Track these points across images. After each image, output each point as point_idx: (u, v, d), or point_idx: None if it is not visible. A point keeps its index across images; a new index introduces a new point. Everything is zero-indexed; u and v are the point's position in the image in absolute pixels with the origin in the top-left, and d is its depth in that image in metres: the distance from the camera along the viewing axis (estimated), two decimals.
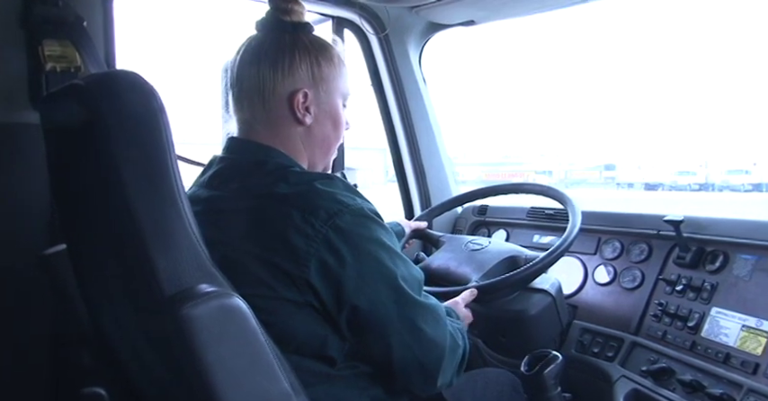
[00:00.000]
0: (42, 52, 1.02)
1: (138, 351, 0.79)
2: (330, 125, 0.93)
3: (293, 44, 0.88)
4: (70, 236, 0.83)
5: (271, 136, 0.90)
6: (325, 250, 0.77)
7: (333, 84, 0.92)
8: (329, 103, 0.92)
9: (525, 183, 1.57)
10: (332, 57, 0.91)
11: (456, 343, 0.90)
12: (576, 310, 1.54)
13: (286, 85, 0.88)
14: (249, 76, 0.89)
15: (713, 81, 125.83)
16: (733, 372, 1.13)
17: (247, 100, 0.90)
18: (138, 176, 0.65)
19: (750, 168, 25.59)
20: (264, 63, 0.88)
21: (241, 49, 0.91)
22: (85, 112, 0.66)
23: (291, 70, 0.88)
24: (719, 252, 1.29)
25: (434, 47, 2.01)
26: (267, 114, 0.89)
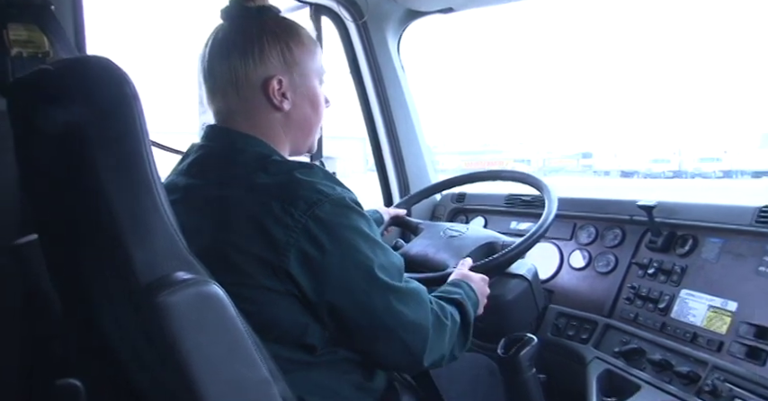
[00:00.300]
0: (7, 36, 0.98)
1: (115, 340, 0.79)
2: (309, 107, 0.93)
3: (261, 31, 0.87)
4: (42, 226, 0.81)
5: (249, 124, 0.89)
6: (304, 240, 0.77)
7: (307, 66, 0.90)
8: (306, 86, 0.91)
9: (503, 170, 1.58)
10: (302, 38, 0.90)
11: (441, 322, 0.91)
12: (551, 295, 1.57)
13: (259, 74, 0.87)
14: (220, 69, 0.88)
15: (687, 70, 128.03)
16: (699, 351, 1.17)
17: (221, 92, 0.89)
18: (112, 164, 0.64)
19: (721, 156, 26.17)
20: (234, 54, 0.87)
21: (209, 41, 0.90)
22: (56, 97, 0.64)
23: (262, 58, 0.86)
24: (689, 236, 1.33)
25: (413, 34, 2.00)
26: (243, 104, 0.88)
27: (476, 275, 1.13)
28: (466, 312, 0.99)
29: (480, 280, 1.13)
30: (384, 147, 1.99)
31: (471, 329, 0.99)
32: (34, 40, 0.99)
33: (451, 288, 1.05)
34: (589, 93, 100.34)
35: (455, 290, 1.03)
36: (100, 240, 0.68)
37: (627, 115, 70.30)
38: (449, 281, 1.09)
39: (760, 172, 23.53)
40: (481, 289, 1.11)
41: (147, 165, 0.66)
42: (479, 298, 1.08)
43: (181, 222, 0.69)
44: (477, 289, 1.08)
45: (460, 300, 1.00)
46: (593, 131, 49.74)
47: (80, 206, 0.68)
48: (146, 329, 0.66)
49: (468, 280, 1.10)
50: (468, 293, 1.04)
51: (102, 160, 0.64)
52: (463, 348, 0.98)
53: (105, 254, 0.68)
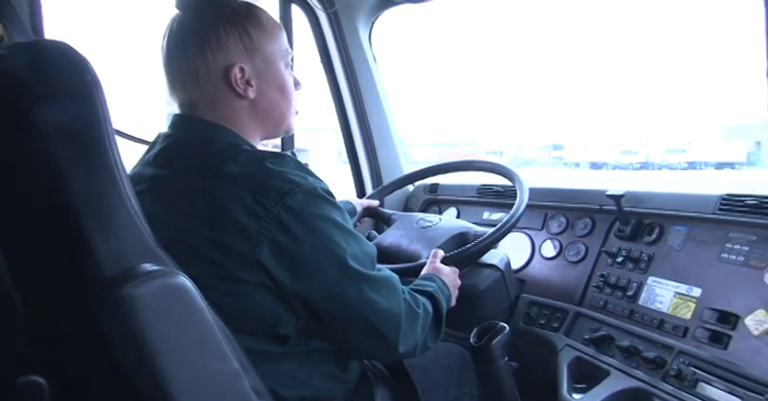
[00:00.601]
0: None
1: (80, 336, 0.77)
2: (276, 92, 0.90)
3: (216, 18, 0.84)
4: (1, 219, 0.78)
5: (215, 115, 0.87)
6: (277, 230, 0.76)
7: (269, 51, 0.88)
8: (270, 72, 0.89)
9: (475, 161, 1.59)
10: (260, 21, 0.87)
11: (413, 310, 0.91)
12: (523, 284, 1.59)
13: (219, 63, 0.84)
14: (178, 62, 0.85)
15: (654, 63, 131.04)
16: (666, 336, 1.20)
17: (181, 85, 0.86)
18: (73, 154, 0.62)
19: (686, 147, 26.93)
20: (190, 45, 0.84)
21: (166, 32, 0.87)
22: (11, 83, 0.61)
23: (220, 46, 0.84)
24: (656, 224, 1.36)
25: (384, 25, 1.99)
26: (206, 95, 0.86)
27: (447, 268, 1.14)
28: (439, 304, 0.99)
29: (451, 273, 1.13)
30: (356, 139, 1.97)
31: (444, 321, 1.00)
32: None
33: (424, 281, 1.06)
34: (560, 85, 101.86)
35: (428, 284, 1.04)
36: (62, 233, 0.65)
37: (597, 108, 71.66)
38: (421, 276, 1.09)
39: (722, 163, 24.33)
40: (453, 281, 1.12)
41: (110, 155, 0.64)
42: (451, 291, 1.09)
43: (148, 213, 0.67)
44: (448, 281, 1.09)
45: (433, 292, 1.00)
46: (564, 123, 50.59)
47: (40, 199, 0.66)
48: (112, 323, 0.64)
49: (439, 273, 1.10)
50: (441, 287, 1.05)
51: (63, 150, 0.62)
52: (436, 340, 0.99)
53: (68, 247, 0.66)
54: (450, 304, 1.07)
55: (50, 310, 0.80)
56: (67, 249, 0.66)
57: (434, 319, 0.97)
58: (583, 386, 1.29)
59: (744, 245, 1.15)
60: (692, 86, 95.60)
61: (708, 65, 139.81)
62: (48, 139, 0.62)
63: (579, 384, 1.30)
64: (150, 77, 1.51)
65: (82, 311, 0.73)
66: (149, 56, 1.02)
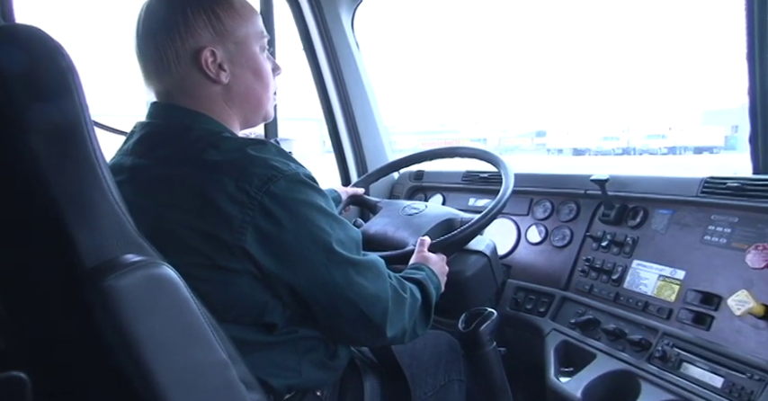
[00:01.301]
0: None
1: (61, 330, 0.75)
2: (251, 77, 0.88)
3: (183, 2, 0.82)
4: None
5: (192, 102, 0.85)
6: (260, 217, 0.76)
7: (241, 33, 0.86)
8: (243, 55, 0.87)
9: (460, 147, 1.58)
10: (232, 4, 0.85)
11: (399, 295, 0.91)
12: (510, 270, 1.60)
13: (188, 48, 0.82)
14: (147, 48, 0.83)
15: (634, 49, 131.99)
16: (650, 319, 1.22)
17: (155, 72, 0.85)
18: (49, 143, 0.60)
19: (666, 133, 27.28)
20: (160, 32, 0.82)
21: (137, 19, 0.85)
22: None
23: (188, 30, 0.82)
24: (640, 208, 1.37)
25: (367, 12, 1.96)
26: (179, 82, 0.84)
27: (434, 256, 1.14)
28: (427, 292, 0.99)
29: (439, 260, 1.13)
30: (340, 127, 1.96)
31: (433, 309, 1.00)
32: None
33: (413, 270, 1.05)
34: (542, 73, 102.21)
35: (416, 272, 1.04)
36: (40, 224, 0.64)
37: (578, 94, 72.13)
38: (410, 265, 1.09)
39: (702, 147, 24.71)
40: (441, 269, 1.12)
41: (88, 142, 0.62)
42: (440, 278, 1.09)
43: (128, 203, 0.65)
44: (436, 269, 1.09)
45: (421, 280, 1.00)
46: (547, 110, 50.85)
47: (15, 189, 0.64)
48: (95, 315, 0.63)
49: (427, 261, 1.10)
50: (430, 275, 1.05)
51: (38, 139, 0.59)
52: (426, 326, 0.99)
53: (49, 240, 0.64)
54: (440, 291, 1.07)
55: (30, 305, 0.78)
56: (48, 242, 0.64)
57: (423, 306, 0.97)
58: (570, 369, 1.30)
59: (726, 228, 1.17)
60: (672, 72, 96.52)
61: (686, 50, 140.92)
62: (23, 129, 0.59)
63: (566, 367, 1.32)
64: (123, 65, 1.48)
65: (63, 305, 0.71)
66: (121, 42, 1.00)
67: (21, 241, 0.69)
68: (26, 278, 0.74)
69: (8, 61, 0.59)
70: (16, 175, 0.62)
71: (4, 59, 0.59)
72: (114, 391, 0.73)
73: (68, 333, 0.75)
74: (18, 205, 0.65)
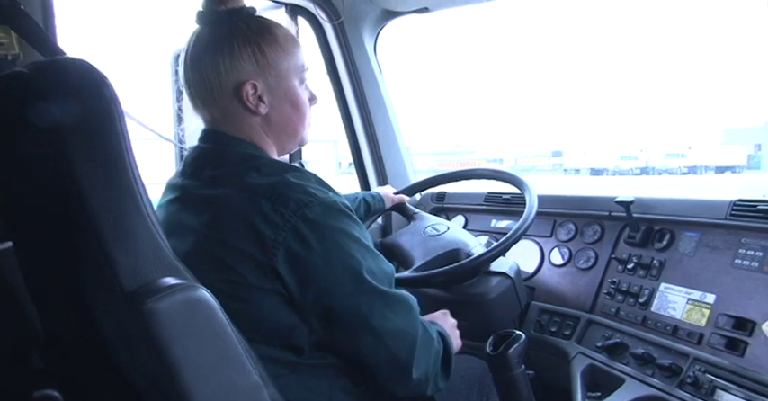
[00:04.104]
0: None
1: (98, 350, 0.77)
2: (289, 108, 0.91)
3: (230, 35, 0.85)
4: (19, 234, 0.78)
5: (234, 129, 0.89)
6: (292, 239, 0.77)
7: (282, 67, 0.88)
8: (283, 88, 0.89)
9: (503, 172, 1.59)
10: (275, 38, 0.88)
11: (429, 336, 0.89)
12: (533, 291, 1.58)
13: (231, 80, 0.85)
14: (194, 77, 0.87)
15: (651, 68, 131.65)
16: (680, 343, 1.19)
17: (200, 100, 0.89)
18: (93, 169, 0.63)
19: (685, 152, 26.95)
20: (205, 60, 0.85)
21: (185, 47, 0.88)
22: (32, 100, 0.62)
23: (233, 63, 0.85)
24: (666, 230, 1.35)
25: (387, 35, 2.00)
26: (222, 111, 0.88)
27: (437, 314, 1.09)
28: (448, 343, 0.96)
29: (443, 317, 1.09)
30: (363, 148, 1.98)
31: (452, 363, 0.96)
32: (4, 42, 0.96)
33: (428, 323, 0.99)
34: (559, 92, 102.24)
35: (436, 325, 0.99)
36: (82, 246, 0.66)
37: (595, 114, 71.87)
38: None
39: (723, 167, 24.33)
40: (450, 325, 1.07)
41: (129, 168, 0.65)
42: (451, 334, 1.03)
43: (178, 219, 0.68)
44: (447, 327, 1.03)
45: (443, 332, 0.97)
46: (563, 130, 50.66)
47: (61, 212, 0.66)
48: (133, 336, 0.64)
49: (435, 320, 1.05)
50: (445, 331, 1.00)
51: (83, 165, 0.62)
52: (446, 380, 0.95)
53: (88, 261, 0.66)
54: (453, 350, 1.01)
55: (67, 325, 0.80)
56: (89, 265, 0.66)
57: (444, 356, 0.94)
58: (597, 394, 1.28)
59: (758, 251, 1.15)
60: (691, 91, 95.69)
61: (706, 69, 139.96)
62: (68, 155, 0.62)
63: (593, 392, 1.29)
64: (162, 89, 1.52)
65: (99, 325, 0.73)
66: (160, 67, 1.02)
67: (64, 264, 0.71)
68: (66, 299, 0.76)
69: (57, 93, 0.62)
70: (63, 198, 0.64)
71: (56, 90, 0.62)
72: None
73: (99, 353, 0.76)
74: (63, 229, 0.67)
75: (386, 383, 0.89)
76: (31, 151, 0.66)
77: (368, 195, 1.54)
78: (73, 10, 1.46)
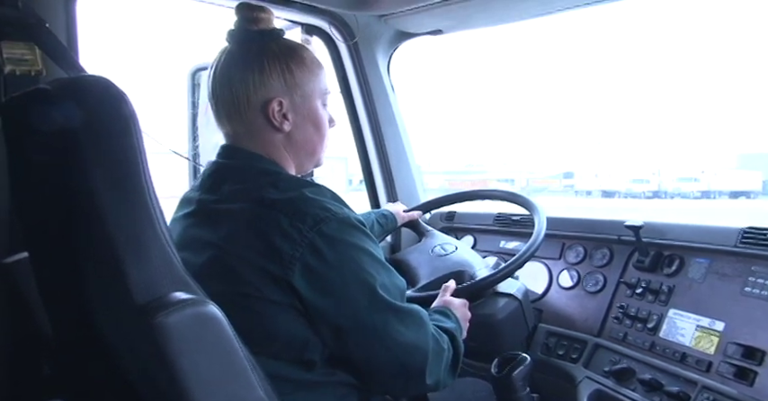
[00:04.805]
0: (1, 54, 0.98)
1: (107, 362, 0.78)
2: (311, 128, 0.94)
3: (261, 53, 0.88)
4: (35, 245, 0.80)
5: (255, 144, 0.91)
6: (309, 254, 0.79)
7: (308, 88, 0.91)
8: (307, 107, 0.92)
9: (513, 193, 1.59)
10: (303, 59, 0.91)
11: (440, 346, 0.91)
12: (541, 314, 1.58)
13: (259, 96, 0.88)
14: (222, 92, 0.90)
15: (664, 91, 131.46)
16: (689, 371, 1.18)
17: (225, 114, 0.91)
18: (109, 183, 0.64)
19: (699, 176, 26.70)
20: (235, 76, 0.88)
21: (214, 63, 0.91)
22: (54, 116, 0.64)
23: (263, 80, 0.87)
24: (676, 256, 1.35)
25: (400, 55, 2.03)
26: (246, 126, 0.90)
27: (457, 301, 1.13)
28: (458, 343, 0.99)
29: (462, 306, 1.12)
30: (374, 167, 1.99)
31: (461, 360, 0.99)
32: (28, 59, 0.99)
33: (442, 317, 1.04)
34: (571, 113, 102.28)
35: (447, 321, 1.03)
36: (96, 259, 0.67)
37: (607, 136, 71.68)
38: (436, 309, 1.08)
39: (737, 192, 24.06)
40: (463, 315, 1.10)
41: (144, 184, 0.66)
42: (462, 325, 1.08)
43: (193, 234, 0.69)
44: (459, 315, 1.08)
45: (452, 331, 1.00)
46: (575, 151, 50.47)
47: (76, 225, 0.68)
48: (142, 348, 0.65)
49: (452, 307, 1.09)
50: (457, 325, 1.04)
51: (100, 179, 0.64)
52: (453, 378, 0.97)
53: (101, 273, 0.68)
54: (462, 338, 1.06)
55: (77, 335, 0.81)
56: (102, 277, 0.67)
57: (453, 357, 0.97)
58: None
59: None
60: (706, 114, 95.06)
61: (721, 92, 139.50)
62: (86, 169, 0.64)
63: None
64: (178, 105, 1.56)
65: (112, 336, 0.74)
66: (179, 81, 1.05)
67: (77, 275, 0.73)
68: (77, 310, 0.77)
69: (78, 109, 0.64)
70: (78, 211, 0.66)
71: (76, 107, 0.64)
72: None
73: (108, 364, 0.77)
74: (77, 241, 0.69)
75: (399, 393, 0.93)
76: (50, 165, 0.68)
77: (380, 216, 1.56)
78: (97, 28, 1.51)
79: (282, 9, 1.62)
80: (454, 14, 1.69)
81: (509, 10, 1.68)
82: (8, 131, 0.75)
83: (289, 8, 1.63)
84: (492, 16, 1.74)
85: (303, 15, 1.71)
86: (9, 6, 1.00)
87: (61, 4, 1.13)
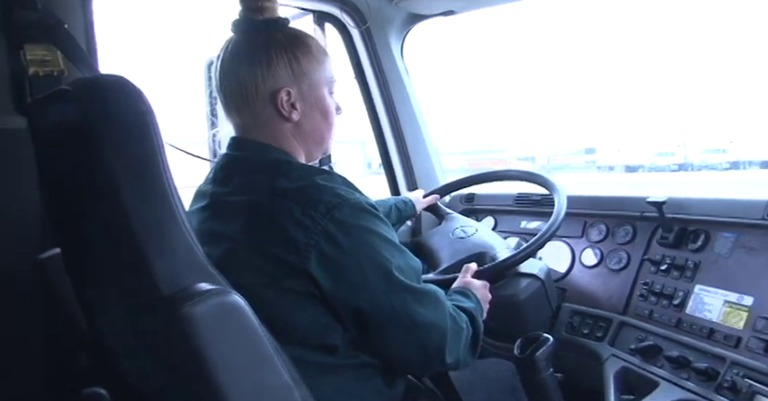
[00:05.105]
0: (24, 57, 1.01)
1: (136, 352, 0.80)
2: (319, 116, 0.94)
3: (267, 43, 0.88)
4: (65, 240, 0.83)
5: (264, 135, 0.91)
6: (324, 241, 0.80)
7: (315, 76, 0.92)
8: (314, 96, 0.93)
9: (532, 173, 1.58)
10: (309, 48, 0.91)
11: (458, 325, 0.93)
12: (565, 293, 1.57)
13: (267, 86, 0.88)
14: (230, 83, 0.90)
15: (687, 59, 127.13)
16: (717, 346, 1.17)
17: (234, 106, 0.91)
18: (130, 178, 0.66)
19: (727, 146, 25.90)
20: (242, 67, 0.88)
21: (220, 54, 0.92)
22: (76, 116, 0.66)
23: (270, 70, 0.88)
24: (701, 231, 1.32)
25: (414, 37, 2.01)
26: (255, 117, 0.91)
27: (478, 282, 1.13)
28: (477, 323, 1.00)
29: (482, 287, 1.13)
30: (392, 151, 1.99)
31: (480, 340, 1.00)
32: (49, 60, 1.01)
33: (461, 297, 1.05)
34: (590, 87, 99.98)
35: (465, 301, 1.04)
36: (121, 253, 0.69)
37: (628, 109, 69.94)
38: (456, 290, 1.09)
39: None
40: (484, 296, 1.11)
41: (164, 178, 0.68)
42: (483, 306, 1.09)
43: (208, 227, 0.71)
44: (480, 296, 1.09)
45: (472, 311, 1.01)
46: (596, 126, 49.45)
47: (100, 218, 0.70)
48: (170, 340, 0.67)
49: (472, 288, 1.10)
50: (477, 304, 1.05)
51: (121, 174, 0.66)
52: (473, 358, 0.99)
53: (126, 266, 0.70)
54: (483, 318, 1.07)
55: (111, 327, 0.84)
56: (128, 269, 0.69)
57: (473, 337, 0.98)
58: (631, 397, 1.26)
59: None
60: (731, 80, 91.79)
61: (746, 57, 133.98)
62: (107, 164, 0.66)
63: (627, 395, 1.28)
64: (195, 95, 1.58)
65: (139, 327, 0.76)
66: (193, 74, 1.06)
67: (104, 268, 0.75)
68: (107, 301, 0.80)
69: (97, 108, 0.66)
70: (102, 205, 0.68)
71: (96, 105, 0.66)
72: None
73: (141, 354, 0.80)
74: (104, 235, 0.71)
75: (420, 372, 0.95)
76: (74, 162, 0.70)
77: (399, 201, 1.56)
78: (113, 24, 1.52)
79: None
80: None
81: None
82: (35, 132, 0.78)
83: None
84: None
85: (314, 2, 1.71)
86: (30, 9, 1.02)
87: (79, 3, 1.15)
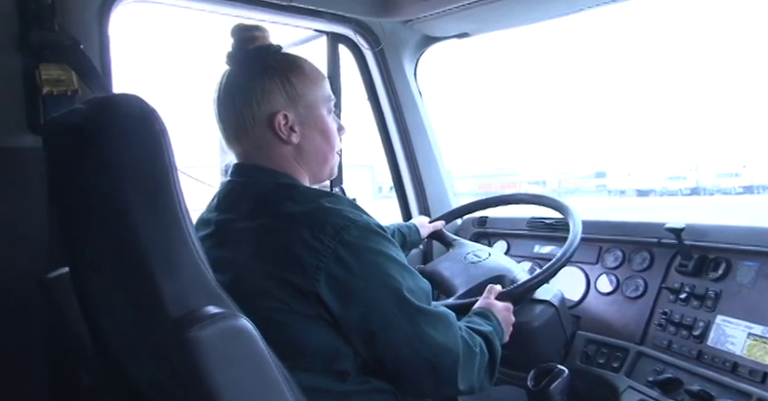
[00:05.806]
0: (39, 76, 1.02)
1: (146, 374, 0.79)
2: (319, 137, 0.94)
3: (261, 70, 0.90)
4: (74, 259, 0.82)
5: (267, 160, 0.92)
6: (333, 263, 0.79)
7: (311, 98, 0.92)
8: (312, 117, 0.93)
9: (544, 196, 1.56)
10: (302, 70, 0.92)
11: (471, 350, 0.91)
12: (579, 320, 1.53)
13: (264, 111, 0.89)
14: (227, 113, 0.91)
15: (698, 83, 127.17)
16: (741, 382, 1.12)
17: (234, 135, 0.92)
18: (141, 199, 0.65)
19: (740, 170, 25.70)
20: (238, 97, 0.89)
21: (217, 87, 0.93)
22: (89, 135, 0.66)
23: (265, 95, 0.89)
24: (722, 259, 1.29)
25: (427, 59, 2.02)
26: (255, 143, 0.91)
27: (501, 304, 1.12)
28: (494, 347, 0.98)
29: (504, 310, 1.11)
30: (404, 174, 1.98)
31: (498, 364, 0.99)
32: (63, 79, 1.02)
33: (479, 319, 1.04)
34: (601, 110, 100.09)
35: (483, 323, 1.02)
36: (130, 274, 0.68)
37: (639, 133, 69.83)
38: (477, 311, 1.08)
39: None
40: (506, 318, 1.10)
41: (175, 199, 0.67)
42: (505, 329, 1.07)
43: (214, 255, 0.70)
44: (501, 318, 1.07)
45: (488, 334, 0.99)
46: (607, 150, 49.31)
47: (111, 239, 0.69)
48: (176, 362, 0.66)
49: (494, 309, 1.09)
50: (496, 326, 1.04)
51: (132, 194, 0.65)
52: (490, 382, 0.97)
53: (135, 287, 0.69)
54: (503, 341, 1.05)
55: (119, 347, 0.82)
56: (136, 289, 0.68)
57: (490, 361, 0.96)
58: None
59: None
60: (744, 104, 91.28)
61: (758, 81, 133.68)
62: (119, 184, 0.65)
63: None
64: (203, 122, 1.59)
65: (145, 349, 0.75)
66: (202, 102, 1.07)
67: (112, 288, 0.74)
68: (114, 322, 0.78)
69: (111, 127, 0.66)
70: (112, 225, 0.67)
71: (110, 125, 0.66)
72: None
73: (146, 376, 0.78)
74: (113, 255, 0.70)
75: (432, 396, 0.92)
76: (86, 181, 0.69)
77: (403, 226, 1.54)
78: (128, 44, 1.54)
79: (307, 19, 1.63)
80: (479, 17, 1.67)
81: (533, 10, 1.66)
82: (48, 151, 0.78)
83: (313, 17, 1.64)
84: (517, 17, 1.73)
85: (328, 24, 1.72)
86: (47, 29, 1.04)
87: (95, 24, 1.16)
